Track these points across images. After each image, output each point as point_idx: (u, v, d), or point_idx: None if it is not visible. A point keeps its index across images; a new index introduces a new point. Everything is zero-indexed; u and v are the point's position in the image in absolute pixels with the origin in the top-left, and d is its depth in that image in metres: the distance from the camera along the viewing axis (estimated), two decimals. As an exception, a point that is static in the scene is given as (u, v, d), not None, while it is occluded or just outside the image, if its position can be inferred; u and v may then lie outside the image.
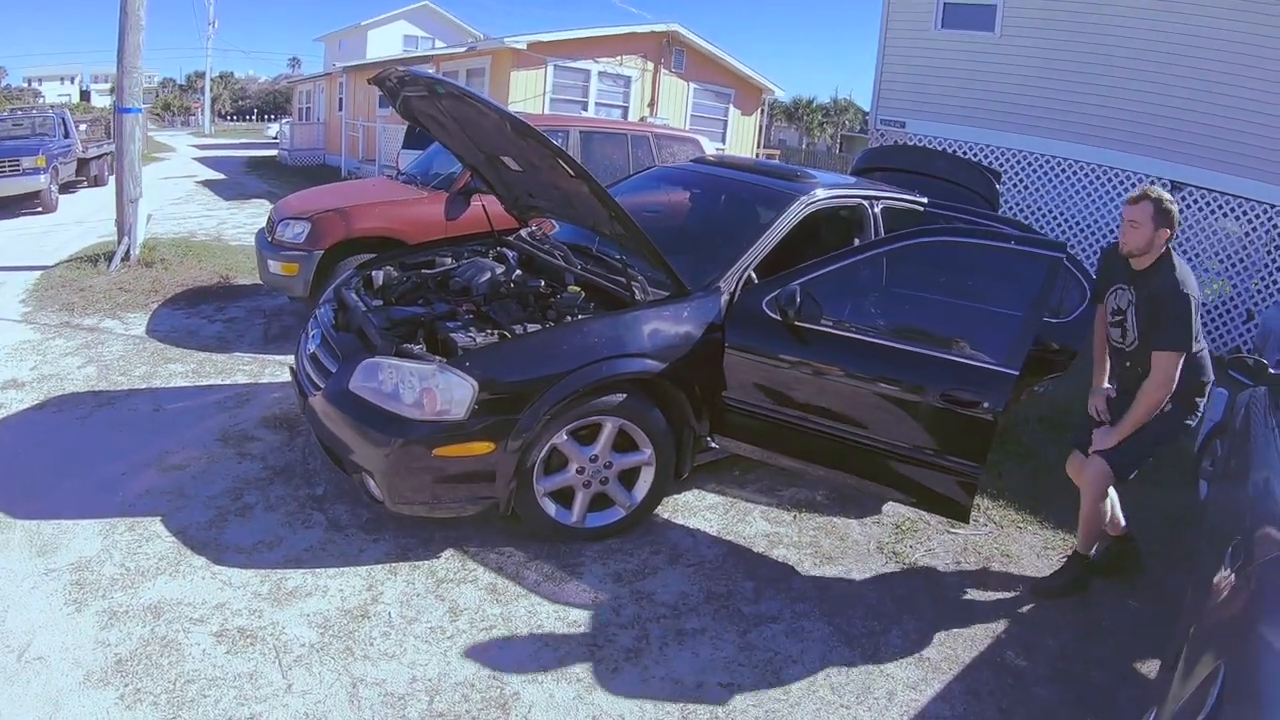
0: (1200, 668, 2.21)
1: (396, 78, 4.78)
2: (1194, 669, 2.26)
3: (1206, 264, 12.43)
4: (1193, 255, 12.42)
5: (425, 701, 3.22)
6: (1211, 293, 12.41)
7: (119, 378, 6.37)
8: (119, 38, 9.86)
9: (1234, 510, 3.32)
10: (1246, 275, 12.17)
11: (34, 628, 3.47)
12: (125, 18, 9.77)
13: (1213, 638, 2.41)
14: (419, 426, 3.87)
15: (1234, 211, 12.18)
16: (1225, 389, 5.38)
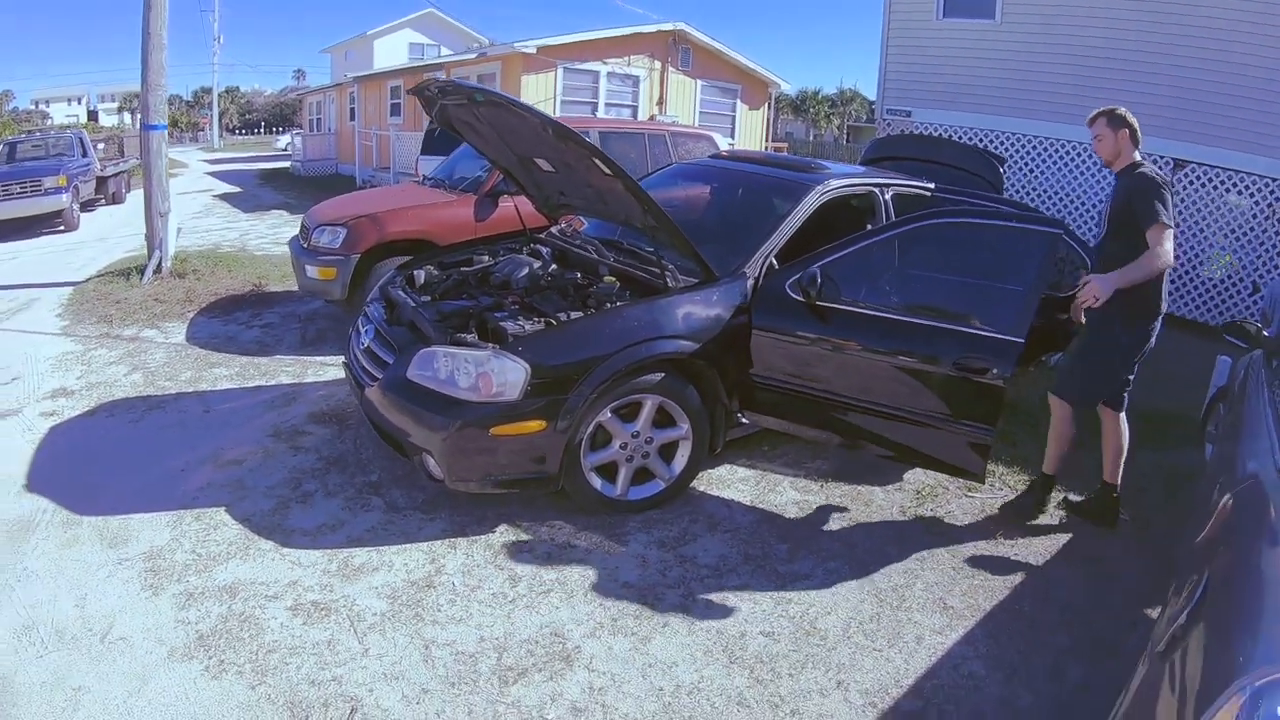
0: (1190, 580, 2.54)
1: (437, 88, 5.08)
2: (1185, 583, 2.58)
3: (1213, 239, 12.64)
4: (1199, 231, 12.64)
5: (494, 658, 3.49)
6: (1219, 267, 12.63)
7: (166, 383, 6.60)
8: (142, 58, 10.15)
9: (1227, 455, 3.63)
10: (1252, 249, 12.37)
11: (113, 612, 3.70)
12: (148, 38, 10.05)
13: (1199, 554, 2.77)
14: (476, 408, 4.18)
15: (1237, 187, 12.38)
16: (1229, 356, 5.63)
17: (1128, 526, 5.03)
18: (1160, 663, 2.44)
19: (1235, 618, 2.18)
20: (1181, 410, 6.83)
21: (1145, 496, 5.39)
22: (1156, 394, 7.55)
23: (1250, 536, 2.53)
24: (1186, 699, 1.99)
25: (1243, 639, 2.04)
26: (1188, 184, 12.76)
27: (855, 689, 3.45)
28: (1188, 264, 12.80)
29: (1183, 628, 2.46)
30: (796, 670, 3.54)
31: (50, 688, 3.23)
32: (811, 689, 3.44)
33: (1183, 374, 8.18)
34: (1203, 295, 12.67)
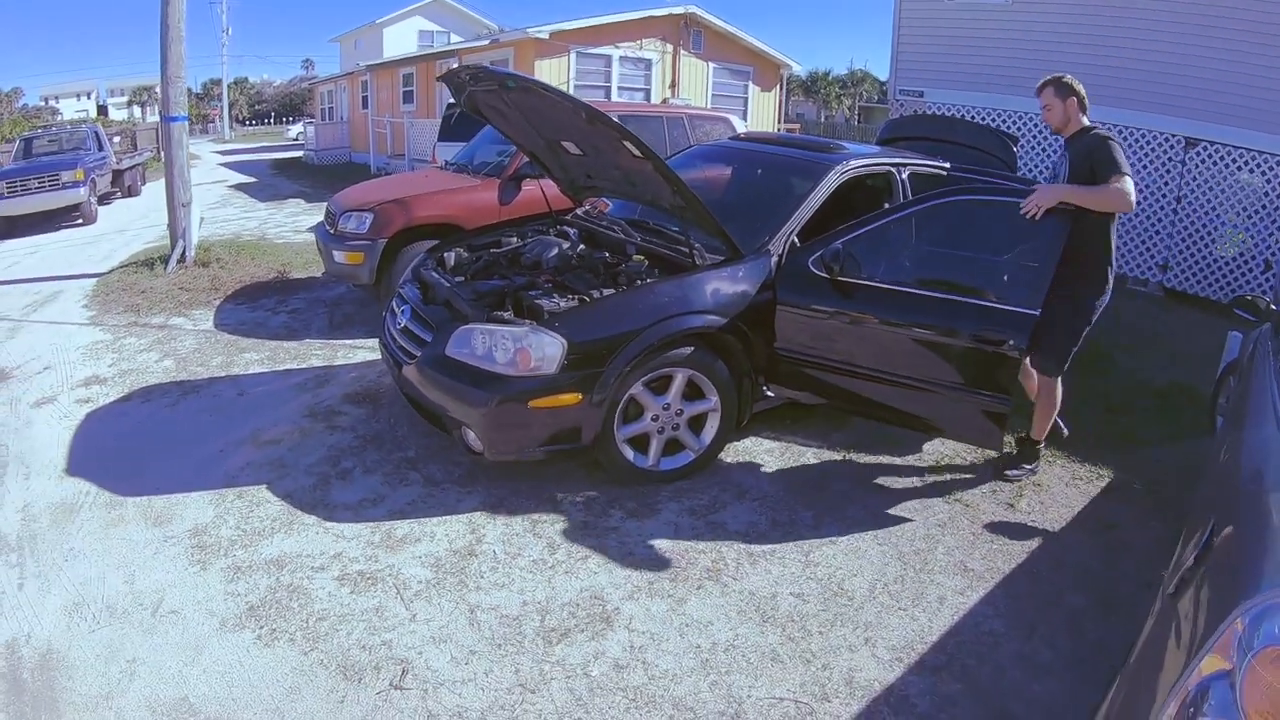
0: (1197, 528, 2.71)
1: (469, 74, 5.22)
2: (1193, 531, 2.75)
3: (1226, 217, 12.71)
4: (1212, 209, 12.70)
5: (538, 620, 3.65)
6: (1232, 245, 12.71)
7: (198, 368, 6.74)
8: (161, 50, 10.27)
9: (1234, 419, 3.79)
10: (1264, 227, 12.44)
11: (163, 587, 3.84)
12: (166, 31, 10.17)
13: (1205, 505, 2.96)
14: (515, 383, 4.34)
15: (1248, 165, 12.45)
16: (1239, 331, 5.76)
17: (1141, 495, 5.17)
18: (1171, 603, 2.61)
19: (1238, 555, 2.34)
20: (1194, 385, 6.96)
21: (1158, 467, 5.52)
22: (1170, 370, 7.71)
23: (1254, 484, 2.68)
24: (1196, 631, 2.14)
25: (1244, 571, 2.20)
26: (1199, 162, 12.81)
27: (883, 645, 3.61)
28: (1201, 242, 12.88)
29: (1190, 570, 2.63)
30: (826, 628, 3.70)
31: (105, 661, 3.37)
32: (841, 645, 3.59)
33: (1195, 351, 8.30)
34: (1216, 273, 12.74)
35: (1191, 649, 2.06)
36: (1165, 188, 13.11)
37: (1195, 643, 2.08)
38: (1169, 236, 13.10)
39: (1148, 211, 13.29)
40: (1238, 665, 1.86)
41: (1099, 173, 4.65)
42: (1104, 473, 5.46)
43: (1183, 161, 12.93)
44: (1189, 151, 12.85)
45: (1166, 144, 13.02)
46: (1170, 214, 13.06)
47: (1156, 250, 13.23)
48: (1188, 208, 12.93)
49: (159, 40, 10.28)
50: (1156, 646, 2.44)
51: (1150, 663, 2.38)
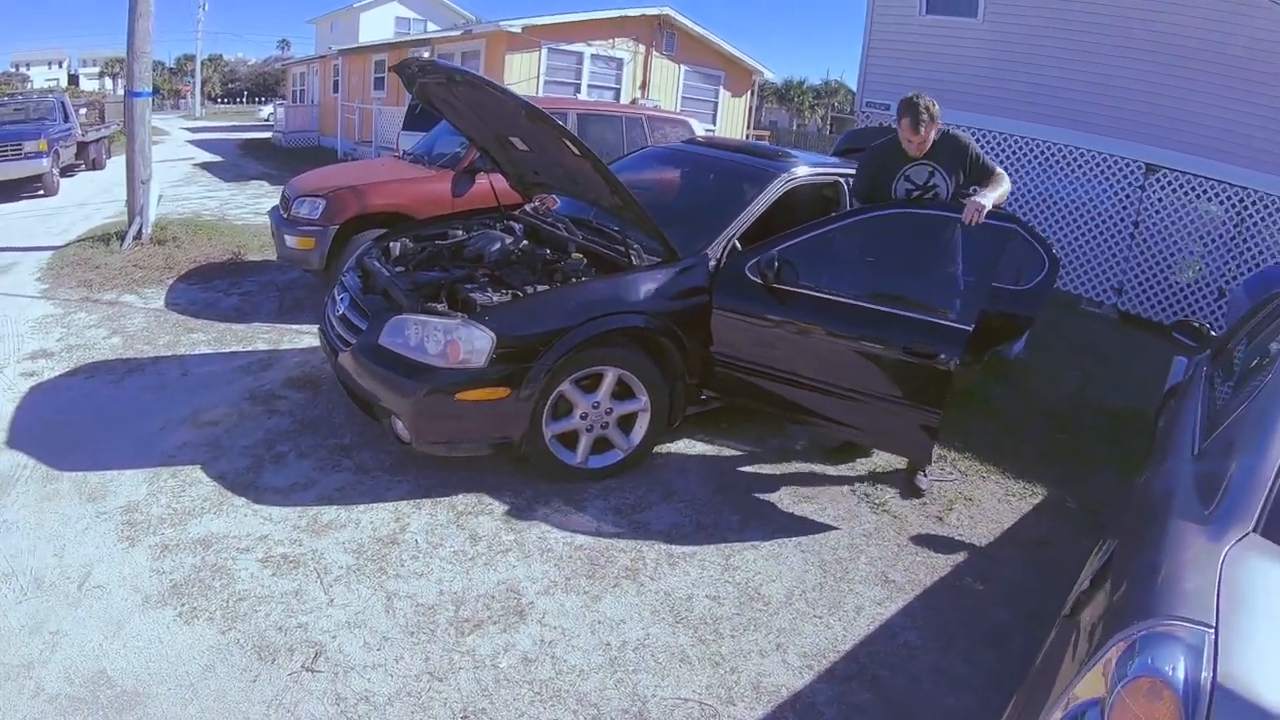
0: (1105, 546, 2.80)
1: (418, 66, 5.25)
2: (1101, 549, 2.83)
3: (1184, 244, 12.89)
4: (1170, 236, 12.87)
5: (452, 610, 3.68)
6: (1189, 272, 12.89)
7: (144, 346, 6.72)
8: (129, 23, 10.16)
9: (1159, 444, 3.88)
10: (1220, 256, 12.63)
11: (91, 562, 3.85)
12: (134, 5, 10.05)
13: (1114, 525, 3.06)
14: (443, 374, 4.36)
15: (1206, 194, 12.63)
16: (1185, 356, 5.85)
17: (1075, 513, 5.27)
18: (1065, 624, 2.67)
19: (1128, 581, 2.40)
20: (1140, 408, 7.06)
21: (1096, 487, 5.61)
22: (1118, 392, 7.82)
23: (1157, 510, 2.74)
24: (1081, 655, 2.20)
25: (1131, 599, 2.26)
26: (1159, 189, 12.98)
27: (794, 651, 3.65)
28: (1157, 267, 13.04)
29: (1085, 592, 2.70)
30: (739, 632, 3.73)
31: (30, 631, 3.38)
32: (752, 650, 3.63)
33: (1145, 374, 8.42)
34: (1170, 298, 12.91)
35: (1076, 672, 2.12)
36: (1124, 212, 13.27)
37: (1079, 666, 2.13)
38: (1125, 260, 13.26)
39: (1105, 234, 13.45)
40: (1109, 693, 1.92)
41: (976, 172, 4.99)
42: (1038, 490, 5.54)
43: (1142, 187, 13.09)
44: (1149, 178, 13.01)
45: (1127, 169, 13.18)
46: (1127, 238, 13.23)
47: (1112, 273, 13.39)
48: (1145, 233, 13.10)
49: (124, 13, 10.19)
50: (1049, 667, 2.50)
51: (1041, 683, 2.44)
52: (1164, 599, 2.10)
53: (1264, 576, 2.16)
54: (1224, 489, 2.52)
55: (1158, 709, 1.82)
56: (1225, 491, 2.50)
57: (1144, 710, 1.84)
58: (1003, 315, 5.73)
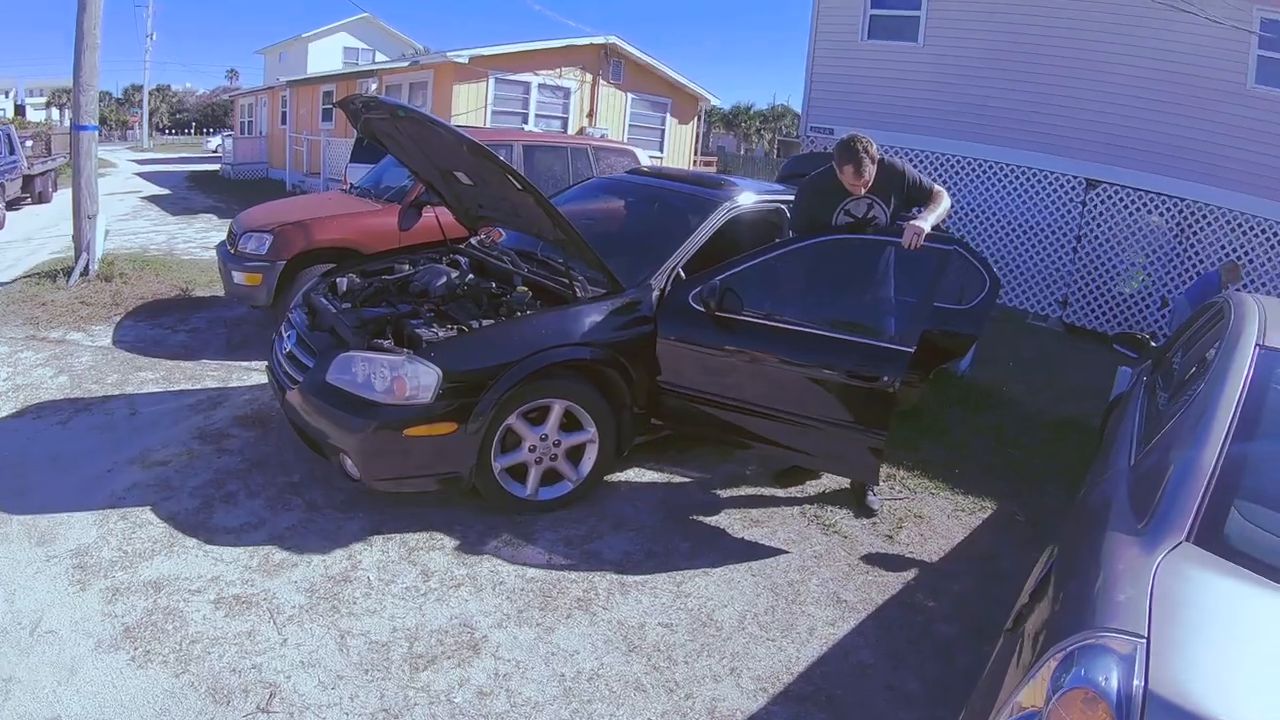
0: (1048, 557, 2.89)
1: (362, 102, 5.27)
2: (1045, 560, 2.91)
3: (1128, 256, 13.16)
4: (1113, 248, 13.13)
5: (406, 646, 3.68)
6: (1134, 283, 13.16)
7: (92, 385, 6.64)
8: (75, 56, 10.06)
9: (1101, 456, 3.97)
10: (1163, 267, 12.90)
11: (42, 606, 3.80)
12: (81, 37, 9.97)
13: (1056, 533, 3.14)
14: (390, 410, 4.37)
15: (1147, 206, 12.90)
16: (1130, 366, 5.97)
17: (1023, 526, 5.39)
18: (1009, 637, 2.73)
19: (1066, 592, 2.48)
20: (1086, 419, 7.21)
21: (1044, 499, 5.73)
22: (1065, 404, 7.97)
23: (1095, 521, 2.82)
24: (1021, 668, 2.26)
25: (1068, 610, 2.33)
26: (1100, 203, 13.26)
27: (748, 675, 3.69)
28: (1101, 279, 13.30)
29: (1026, 605, 2.76)
30: (692, 658, 3.77)
31: (-19, 679, 3.33)
32: (706, 675, 3.67)
33: (1091, 386, 8.60)
34: (1115, 309, 13.17)
35: (1017, 683, 2.18)
36: (1066, 227, 13.53)
37: (1020, 677, 2.19)
38: (1069, 274, 13.50)
39: (1048, 249, 13.69)
40: (1046, 704, 1.97)
41: (914, 194, 5.06)
42: (987, 504, 5.65)
43: (1083, 202, 13.34)
44: (1090, 192, 13.27)
45: (1067, 185, 13.43)
46: (1070, 252, 13.47)
47: (1056, 287, 13.64)
48: (1088, 246, 13.36)
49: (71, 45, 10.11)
50: (994, 679, 2.56)
51: (987, 695, 2.49)
52: (1098, 611, 2.15)
53: (1196, 585, 2.23)
54: (1158, 499, 2.58)
55: (1092, 719, 1.88)
56: (1159, 502, 2.56)
57: None
58: (947, 334, 5.83)
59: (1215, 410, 2.93)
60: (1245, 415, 2.91)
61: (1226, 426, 2.82)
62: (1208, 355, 3.65)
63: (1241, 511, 2.55)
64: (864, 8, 15.70)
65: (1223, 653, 2.03)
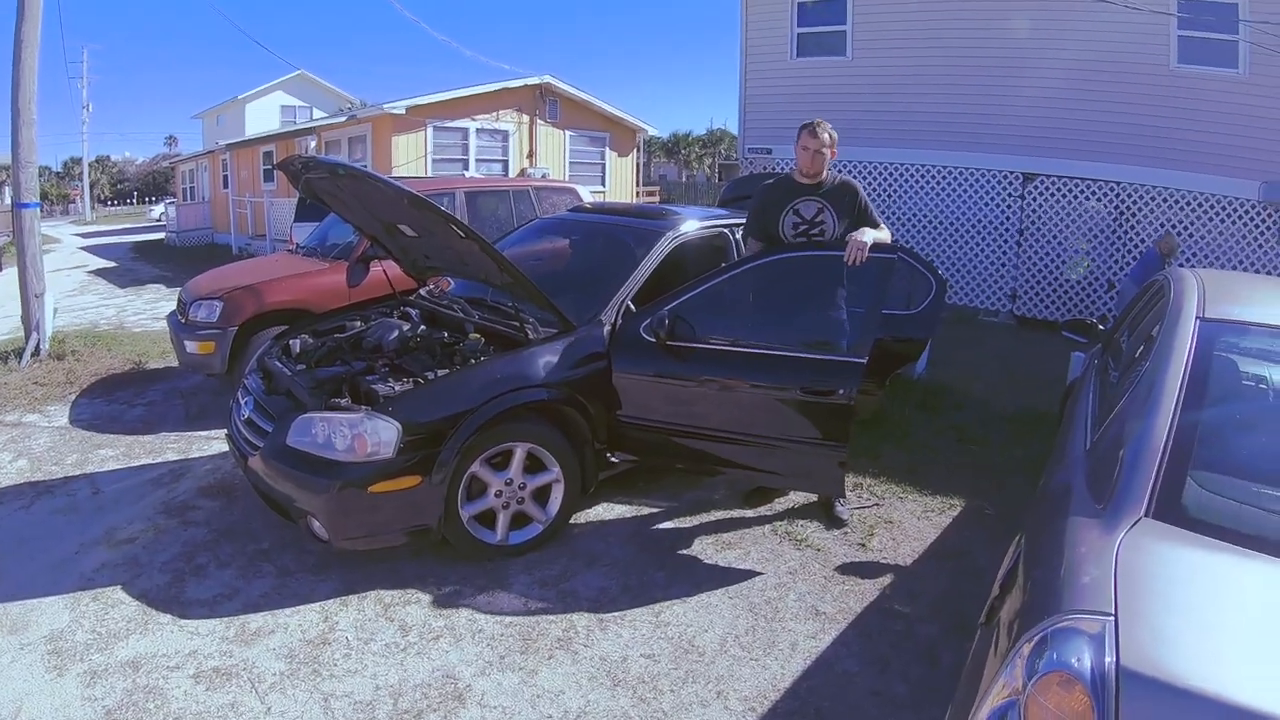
0: (1016, 547, 2.95)
1: (301, 163, 5.29)
2: (1013, 550, 2.97)
3: (1071, 243, 13.38)
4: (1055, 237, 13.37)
5: (390, 704, 3.67)
6: (1079, 269, 13.38)
7: (52, 467, 6.58)
8: (12, 134, 10.01)
9: (1059, 441, 4.04)
10: (1106, 251, 13.14)
11: (20, 696, 3.76)
12: (17, 115, 9.92)
13: (1023, 522, 3.20)
14: (353, 469, 4.38)
15: (1084, 193, 13.13)
16: (1083, 352, 6.08)
17: (992, 520, 5.46)
18: (984, 631, 2.78)
19: (1034, 579, 2.53)
20: (1044, 408, 7.31)
21: (1010, 491, 5.81)
22: (1022, 396, 8.08)
23: (1057, 507, 2.88)
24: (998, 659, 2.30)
25: (1036, 596, 2.38)
26: (1038, 195, 13.49)
27: (735, 697, 3.72)
28: (1046, 269, 13.51)
29: (997, 598, 2.81)
30: (678, 686, 3.79)
31: (-37, 778, 3.30)
32: (693, 701, 3.69)
33: (1045, 375, 8.71)
34: (1063, 297, 13.39)
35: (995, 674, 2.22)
36: (1007, 222, 13.74)
37: (997, 667, 2.23)
38: (1015, 267, 13.71)
39: (992, 245, 13.89)
40: (1023, 691, 2.01)
41: (863, 219, 5.18)
42: (955, 502, 5.74)
43: (1022, 196, 13.57)
44: (1027, 186, 13.49)
45: (1005, 181, 13.65)
46: (1014, 246, 13.67)
47: (1004, 281, 13.83)
48: (1031, 239, 13.56)
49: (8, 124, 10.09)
50: (973, 673, 2.60)
51: (968, 689, 2.53)
52: (1065, 594, 2.20)
53: (1157, 559, 2.28)
54: (1114, 478, 2.64)
55: (1069, 700, 1.92)
56: (1115, 480, 2.62)
57: (1056, 703, 1.94)
58: (899, 340, 5.92)
59: (1162, 386, 2.99)
60: (1192, 387, 2.97)
61: (1175, 400, 2.89)
62: (1152, 333, 3.72)
63: (1198, 481, 2.62)
64: (791, 26, 15.90)
65: (1188, 620, 2.08)
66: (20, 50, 9.90)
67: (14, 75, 9.95)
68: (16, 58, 9.91)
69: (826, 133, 5.17)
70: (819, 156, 5.18)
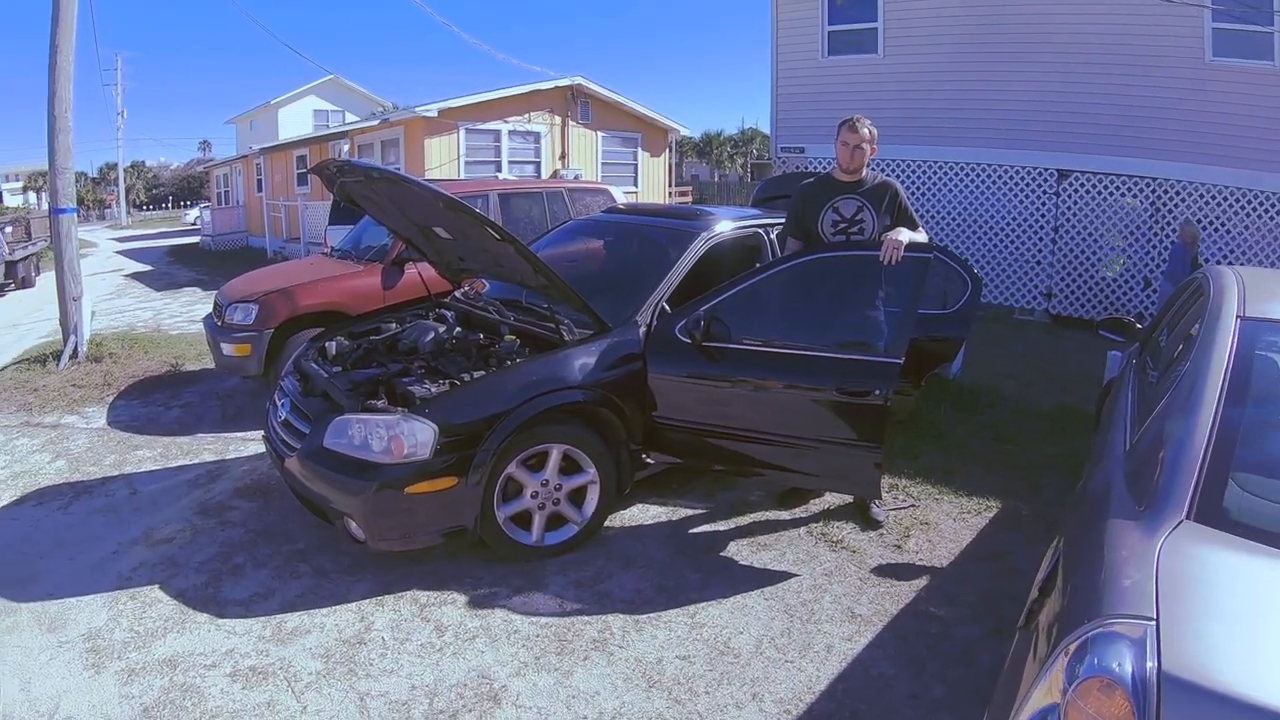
0: (1055, 549, 2.92)
1: (336, 166, 5.33)
2: (1052, 552, 2.94)
3: (1108, 241, 13.25)
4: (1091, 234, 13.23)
5: (426, 703, 3.69)
6: (1115, 267, 13.26)
7: (91, 468, 6.66)
8: (49, 141, 10.17)
9: (1096, 441, 3.99)
10: (1143, 247, 13.01)
11: (59, 693, 3.81)
12: (53, 123, 10.08)
13: (1061, 524, 3.17)
14: (390, 470, 4.40)
15: (1119, 190, 13.01)
16: (1120, 350, 6.01)
17: (1030, 520, 5.40)
18: (1023, 634, 2.75)
19: (1074, 582, 2.49)
20: (1081, 407, 7.26)
21: (1047, 491, 5.75)
22: (1058, 395, 8.02)
23: (1096, 508, 2.84)
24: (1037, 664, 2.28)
25: (1076, 600, 2.34)
26: (1073, 192, 13.37)
27: (770, 699, 3.70)
28: (1082, 267, 13.39)
29: (1036, 601, 2.78)
30: (713, 688, 3.78)
31: (3, 770, 3.33)
32: (728, 703, 3.67)
33: (1082, 374, 8.66)
34: (1099, 295, 13.26)
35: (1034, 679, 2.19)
36: (1042, 220, 13.62)
37: (1036, 672, 2.21)
38: (1050, 265, 13.59)
39: (1027, 243, 13.78)
40: (1063, 697, 1.99)
41: (901, 219, 5.13)
42: (992, 504, 5.68)
43: (1057, 193, 13.44)
44: (1062, 183, 13.37)
45: (1040, 178, 13.53)
46: (1049, 244, 13.56)
47: (1039, 279, 13.71)
48: (1066, 236, 13.44)
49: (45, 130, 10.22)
50: (1012, 677, 2.57)
51: (1006, 694, 2.50)
52: (1105, 598, 2.17)
53: (1199, 562, 2.25)
54: (1155, 480, 2.60)
55: (1110, 706, 1.89)
56: (1156, 482, 2.58)
57: (1097, 709, 1.91)
58: (934, 339, 5.89)
59: (1203, 386, 2.94)
60: (1233, 388, 2.92)
61: (1215, 401, 2.84)
62: (1191, 332, 3.66)
63: (1239, 483, 2.57)
64: (822, 25, 15.82)
65: (1231, 625, 2.05)
66: (55, 57, 10.05)
67: (50, 83, 10.09)
68: (52, 65, 10.06)
69: (866, 128, 5.12)
70: (859, 152, 5.12)
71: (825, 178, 5.35)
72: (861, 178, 5.23)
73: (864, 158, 5.16)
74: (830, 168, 5.38)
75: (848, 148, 5.14)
